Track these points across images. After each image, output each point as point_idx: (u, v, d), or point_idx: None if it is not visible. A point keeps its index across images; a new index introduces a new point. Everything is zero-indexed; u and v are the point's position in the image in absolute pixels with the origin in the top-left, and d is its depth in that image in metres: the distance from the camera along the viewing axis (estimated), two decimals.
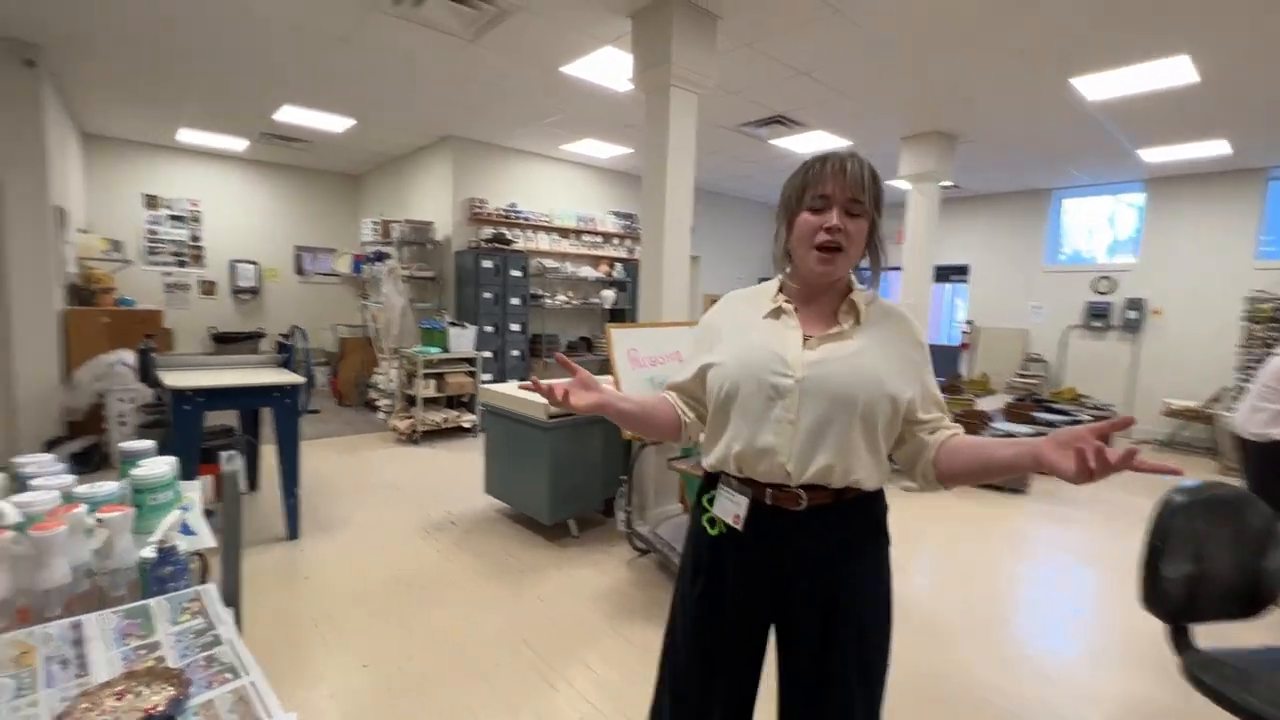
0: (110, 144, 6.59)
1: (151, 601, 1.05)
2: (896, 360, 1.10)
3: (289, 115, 5.55)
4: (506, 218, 6.54)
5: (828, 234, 1.05)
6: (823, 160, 1.08)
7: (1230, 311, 6.34)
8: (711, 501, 1.16)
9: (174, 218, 7.02)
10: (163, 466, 1.42)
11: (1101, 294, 7.40)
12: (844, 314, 1.12)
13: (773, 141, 5.94)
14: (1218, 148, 5.57)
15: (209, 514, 3.24)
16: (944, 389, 7.02)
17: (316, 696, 2.09)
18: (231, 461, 1.15)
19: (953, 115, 5.03)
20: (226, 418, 3.92)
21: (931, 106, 4.83)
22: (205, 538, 1.28)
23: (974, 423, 4.99)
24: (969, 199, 8.43)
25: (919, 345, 1.15)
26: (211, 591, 1.09)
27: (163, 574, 1.11)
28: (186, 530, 1.28)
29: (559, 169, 7.05)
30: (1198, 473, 5.65)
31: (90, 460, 4.25)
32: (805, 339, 1.10)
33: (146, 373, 3.21)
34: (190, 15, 3.62)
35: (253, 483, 4.09)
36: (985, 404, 6.24)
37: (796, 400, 1.06)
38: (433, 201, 6.62)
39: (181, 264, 7.12)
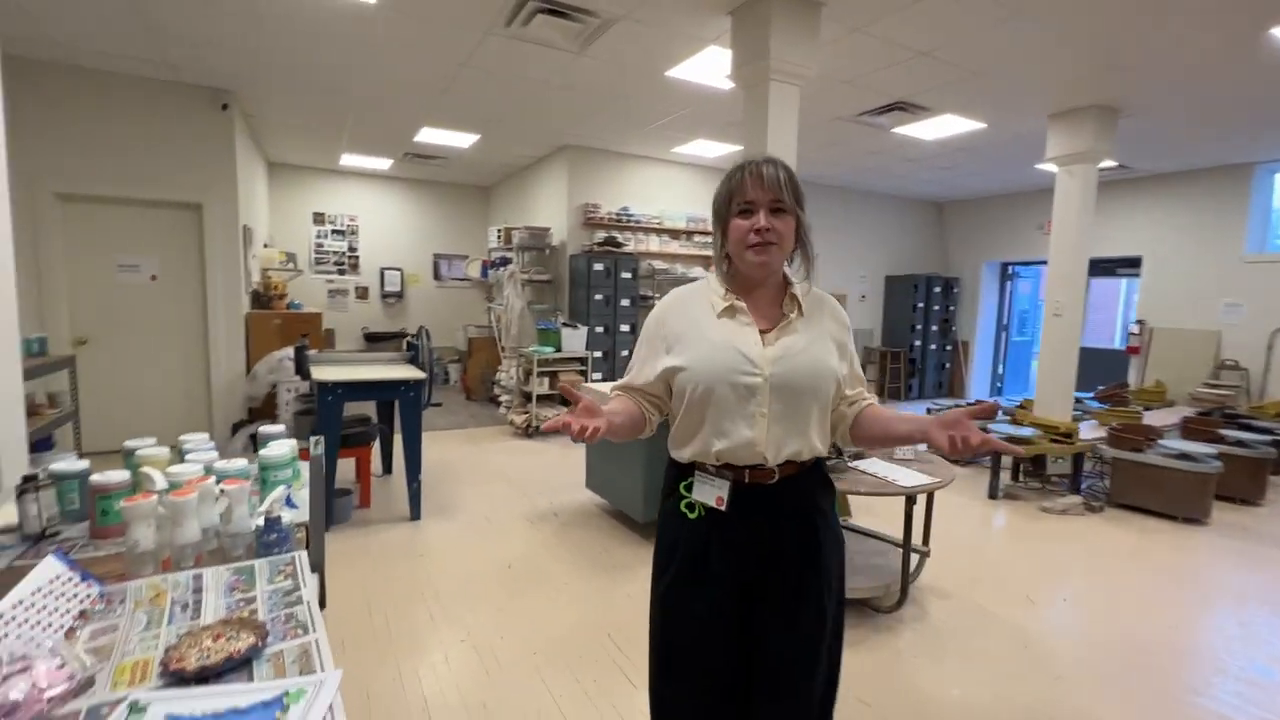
0: (288, 170, 7.69)
1: (256, 562, 1.22)
2: (833, 343, 1.25)
3: (426, 136, 6.14)
4: (618, 221, 6.72)
5: (757, 234, 1.17)
6: (742, 169, 1.21)
7: None
8: (689, 488, 1.24)
9: (336, 231, 8.04)
10: (284, 449, 1.65)
11: None
12: (788, 306, 1.24)
13: (896, 130, 5.56)
14: None
15: (345, 492, 3.65)
16: (1104, 398, 6.15)
17: (419, 663, 2.29)
18: (318, 445, 1.30)
19: (1114, 85, 4.38)
20: (366, 408, 4.42)
21: (1086, 78, 4.24)
22: (304, 512, 1.45)
23: (1137, 439, 4.31)
24: (1140, 180, 7.30)
25: (844, 326, 1.29)
26: (303, 558, 1.25)
27: (269, 540, 1.28)
28: (290, 504, 1.46)
29: (670, 170, 7.12)
30: None
31: None
32: (762, 335, 1.20)
33: (300, 367, 3.71)
34: (347, 59, 4.13)
35: (388, 467, 4.57)
36: (1157, 417, 5.38)
37: (767, 395, 1.17)
38: (550, 208, 6.98)
39: (341, 272, 8.13)
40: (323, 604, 1.29)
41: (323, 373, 3.54)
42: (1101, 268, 8.00)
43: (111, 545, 1.30)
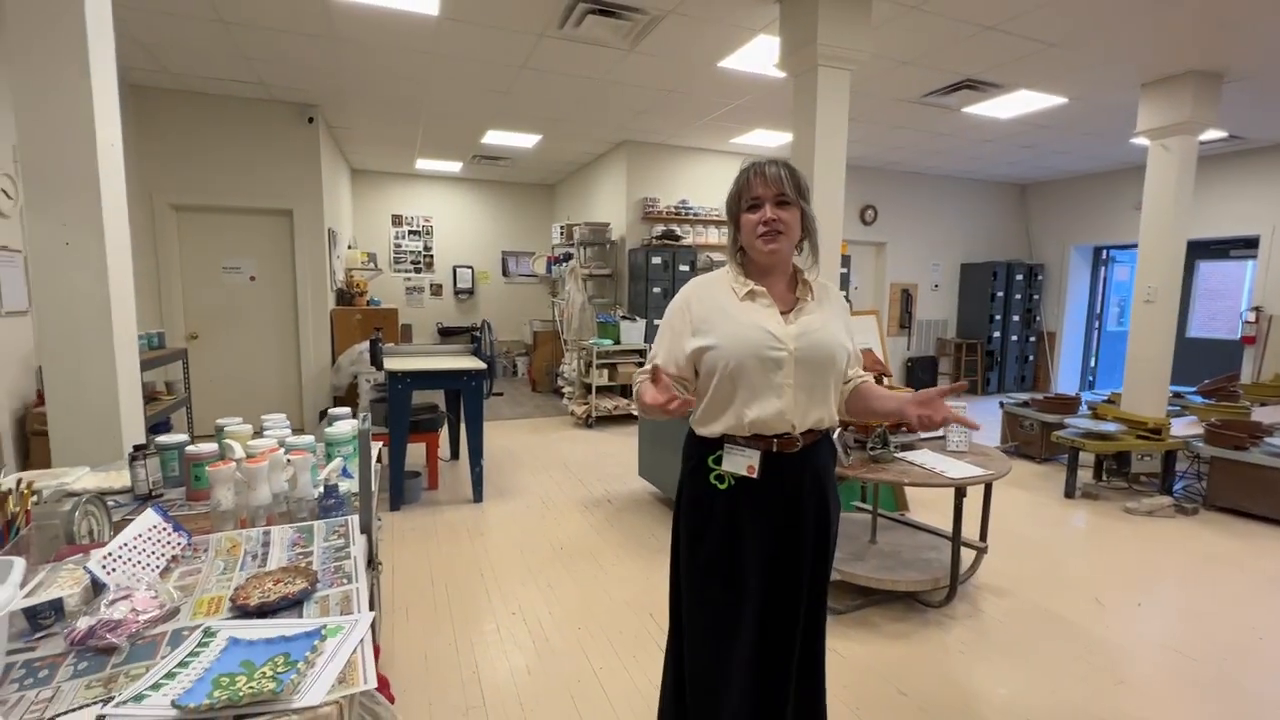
0: (369, 176, 8.23)
1: (314, 523, 1.39)
2: (841, 324, 1.40)
3: (492, 138, 6.41)
4: (676, 214, 6.77)
5: (765, 225, 1.31)
6: (747, 170, 1.35)
7: None
8: (718, 461, 1.34)
9: (412, 232, 8.53)
10: (346, 426, 1.83)
11: None
12: (802, 291, 1.39)
13: (966, 110, 5.29)
14: None
15: (415, 474, 3.91)
16: (1209, 393, 5.60)
17: (473, 631, 2.46)
18: (364, 421, 1.45)
19: (1212, 49, 3.99)
20: (436, 397, 4.71)
21: (1181, 40, 3.88)
22: (354, 484, 1.61)
23: (1239, 436, 3.93)
24: (1255, 152, 6.58)
25: (845, 311, 1.45)
26: (354, 521, 1.40)
27: (327, 504, 1.45)
28: (346, 474, 1.63)
29: (728, 162, 7.08)
30: None
31: None
32: (783, 315, 1.33)
33: (375, 358, 4.01)
34: (415, 69, 4.41)
35: (455, 452, 4.86)
36: (1269, 413, 4.87)
37: (792, 368, 1.30)
38: (610, 204, 7.11)
39: (418, 270, 8.62)
40: (371, 562, 1.45)
41: (393, 363, 3.82)
42: (1212, 250, 7.27)
43: (202, 506, 1.50)
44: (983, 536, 2.88)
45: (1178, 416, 4.78)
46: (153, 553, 1.17)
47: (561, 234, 7.27)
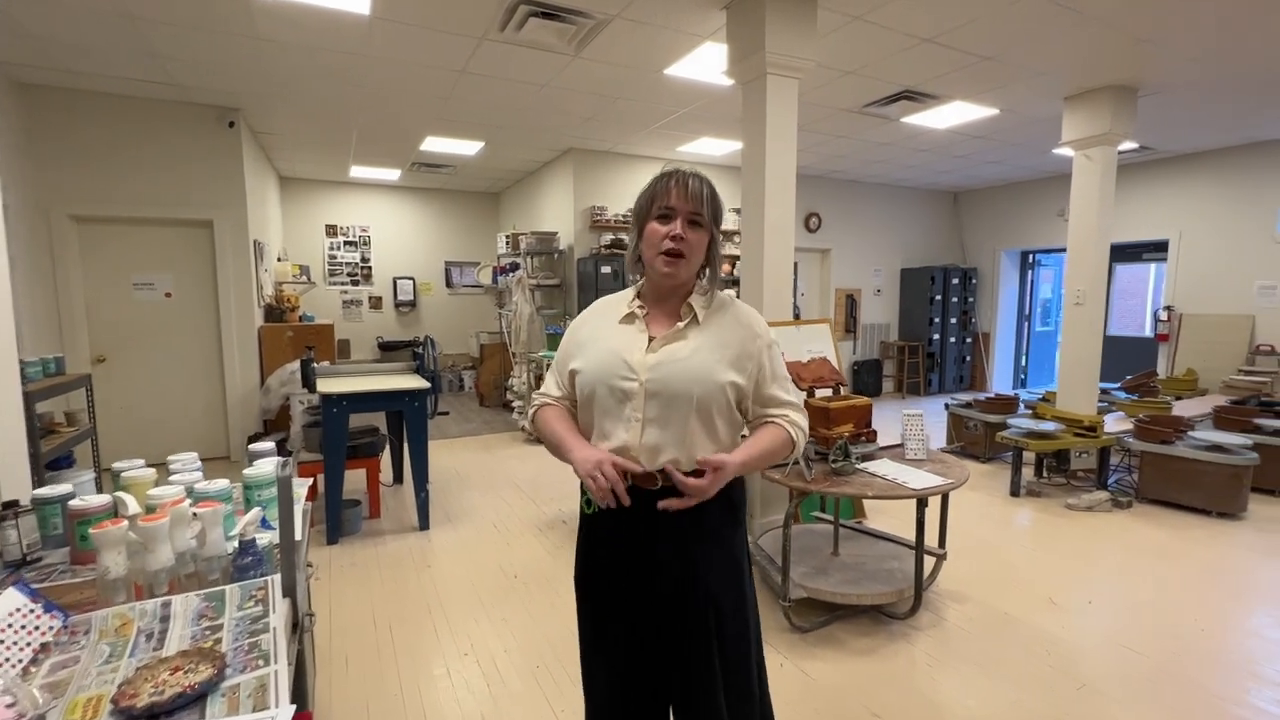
0: (300, 183, 7.79)
1: (227, 587, 1.20)
2: (733, 352, 1.23)
3: (432, 145, 6.16)
4: (625, 223, 6.68)
5: (671, 241, 1.20)
6: (669, 176, 1.23)
7: None
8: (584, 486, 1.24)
9: (348, 243, 8.12)
10: (269, 466, 1.63)
11: None
12: (684, 315, 1.25)
13: (905, 120, 5.43)
14: None
15: (354, 503, 3.66)
16: (1132, 388, 5.93)
17: (420, 677, 2.27)
18: (285, 469, 1.27)
19: (1129, 64, 4.22)
20: (376, 418, 4.43)
21: (1101, 56, 4.08)
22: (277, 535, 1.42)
23: (1166, 431, 4.14)
24: (1164, 161, 7.05)
25: (757, 336, 1.27)
26: (276, 582, 1.22)
27: (243, 563, 1.26)
28: (266, 525, 1.44)
29: None
30: None
31: (284, 451, 5.07)
32: (650, 340, 1.23)
33: (307, 379, 3.73)
34: (347, 71, 4.15)
35: (398, 476, 4.59)
36: (1187, 407, 5.18)
37: (641, 401, 1.19)
38: (557, 212, 6.96)
39: (355, 283, 8.21)
40: (296, 627, 1.27)
41: (328, 385, 3.56)
42: (1126, 253, 7.74)
43: (89, 571, 1.29)
44: (941, 543, 2.88)
45: (1107, 413, 5.02)
46: (14, 643, 0.96)
47: (507, 243, 7.07)
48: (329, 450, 3.36)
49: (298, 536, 1.47)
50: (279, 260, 6.81)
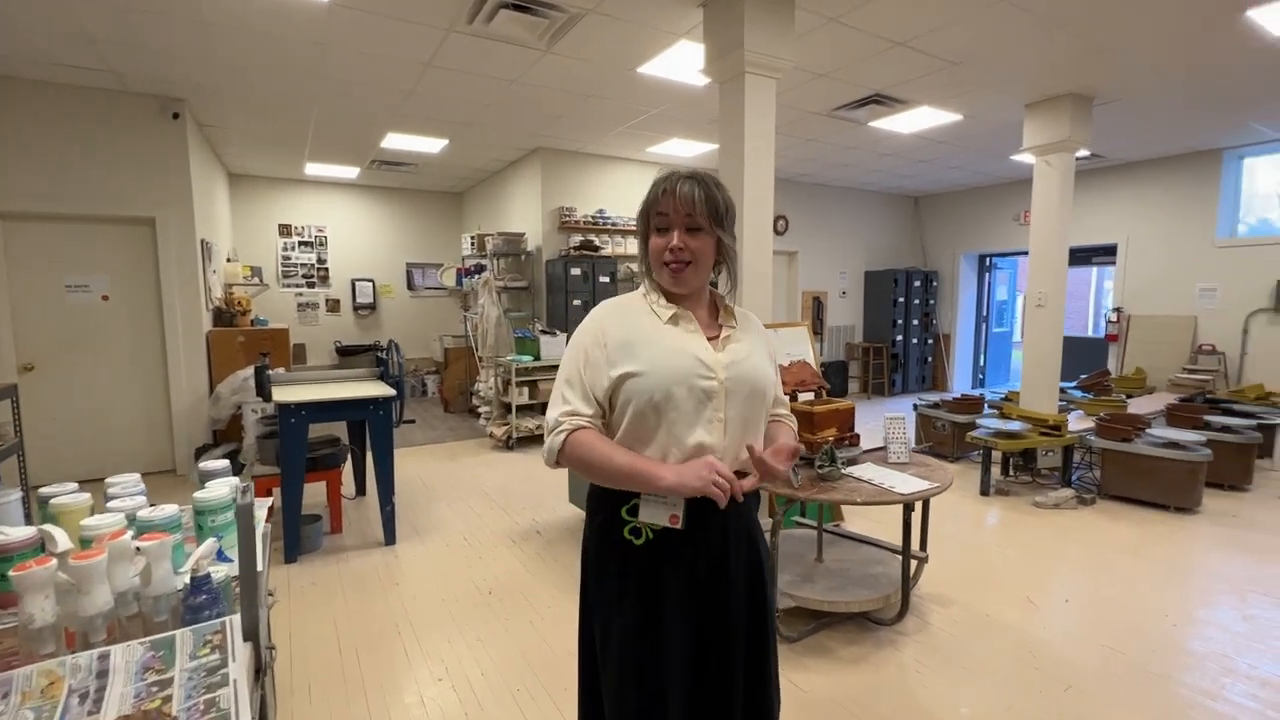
0: (251, 181, 7.42)
1: (177, 633, 1.05)
2: (766, 355, 1.27)
3: (393, 142, 5.93)
4: (594, 224, 6.58)
5: (671, 254, 1.17)
6: (661, 182, 1.18)
7: None
8: (632, 512, 1.15)
9: (303, 243, 7.78)
10: (224, 489, 1.47)
11: None
12: (726, 318, 1.26)
13: (872, 124, 5.49)
14: None
15: (314, 518, 3.46)
16: (1087, 387, 6.14)
17: (392, 706, 2.12)
18: (245, 495, 1.14)
19: (1088, 72, 4.35)
20: (336, 427, 4.21)
21: (1061, 64, 4.19)
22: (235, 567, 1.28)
23: (1125, 429, 4.27)
24: (1114, 169, 7.35)
25: (769, 341, 1.32)
26: (236, 624, 1.08)
27: (196, 603, 1.11)
28: (223, 557, 1.29)
29: (645, 171, 6.99)
30: None
31: (236, 464, 4.78)
32: (709, 341, 1.20)
33: (262, 387, 3.50)
34: (303, 62, 3.93)
35: (361, 488, 4.37)
36: (1140, 405, 5.37)
37: (723, 400, 1.15)
38: (525, 213, 6.81)
39: (310, 285, 7.87)
40: (259, 672, 1.13)
41: (285, 393, 3.35)
42: (1076, 257, 8.02)
43: (10, 617, 1.12)
44: (923, 546, 2.87)
45: (1068, 412, 5.16)
46: None
47: (473, 244, 6.87)
48: (287, 462, 3.16)
49: (259, 568, 1.33)
50: (228, 261, 6.45)
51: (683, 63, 4.02)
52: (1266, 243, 6.38)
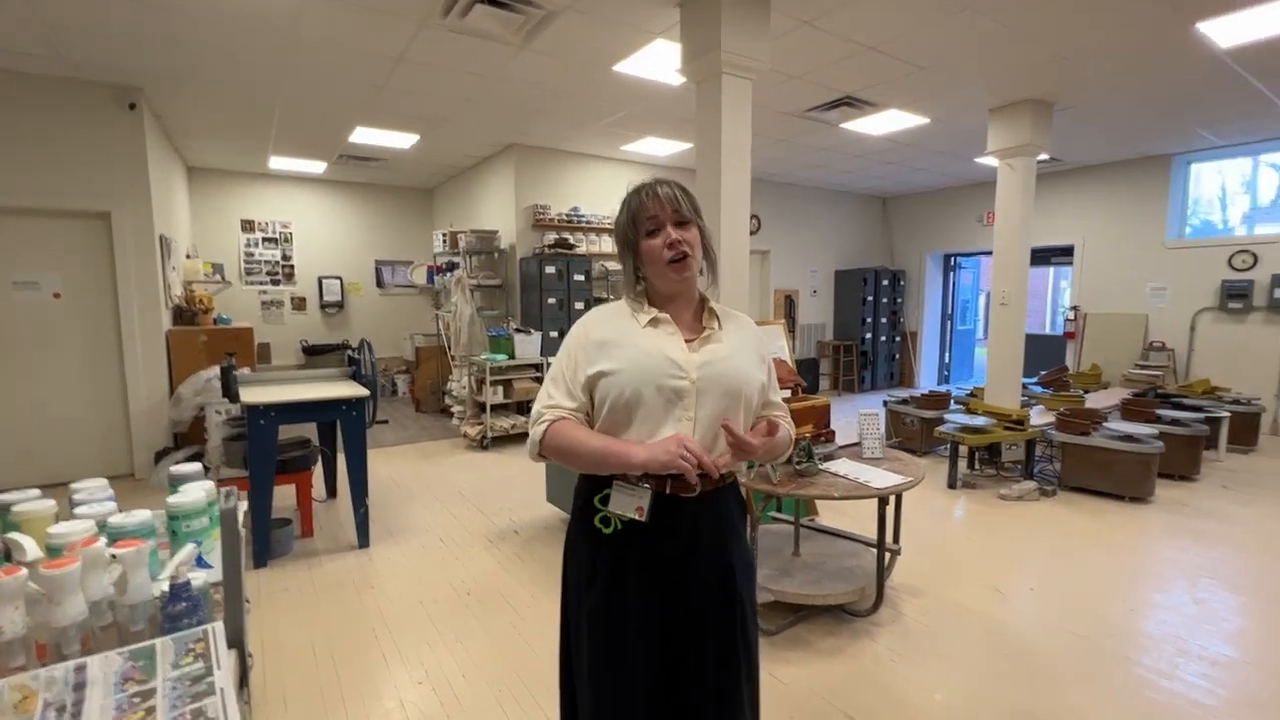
0: (211, 175, 7.17)
1: (158, 642, 1.02)
2: (755, 354, 1.29)
3: (362, 136, 5.81)
4: (569, 222, 6.55)
5: (671, 249, 1.20)
6: (638, 193, 1.25)
7: None
8: (604, 501, 1.19)
9: (268, 240, 7.56)
10: (199, 493, 1.42)
11: (1240, 271, 6.46)
12: (708, 319, 1.28)
13: (843, 125, 5.59)
14: None
15: (285, 522, 3.38)
16: (1047, 383, 6.37)
17: (371, 712, 2.08)
18: (229, 500, 1.11)
19: (1048, 79, 4.50)
20: (306, 428, 4.11)
21: (1024, 71, 4.34)
22: (215, 573, 1.25)
23: (1084, 423, 4.45)
24: (1072, 172, 7.62)
25: (761, 340, 1.33)
26: (219, 631, 1.05)
27: (175, 611, 1.08)
28: (203, 563, 1.26)
29: (620, 169, 6.99)
30: None
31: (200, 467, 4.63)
32: (687, 342, 1.22)
33: (228, 388, 3.40)
34: (269, 53, 3.82)
35: (332, 490, 4.28)
36: (1098, 400, 5.59)
37: (694, 399, 1.18)
38: (498, 210, 6.74)
39: (275, 282, 7.65)
40: (243, 682, 1.10)
41: (253, 394, 3.25)
42: (1035, 257, 8.29)
43: None
44: (895, 538, 2.95)
45: (1029, 407, 5.34)
46: None
47: (445, 242, 6.77)
48: (256, 465, 3.07)
49: (243, 574, 1.30)
50: (188, 258, 6.23)
51: (659, 62, 4.03)
52: (1211, 244, 6.71)
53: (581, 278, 6.32)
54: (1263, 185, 6.74)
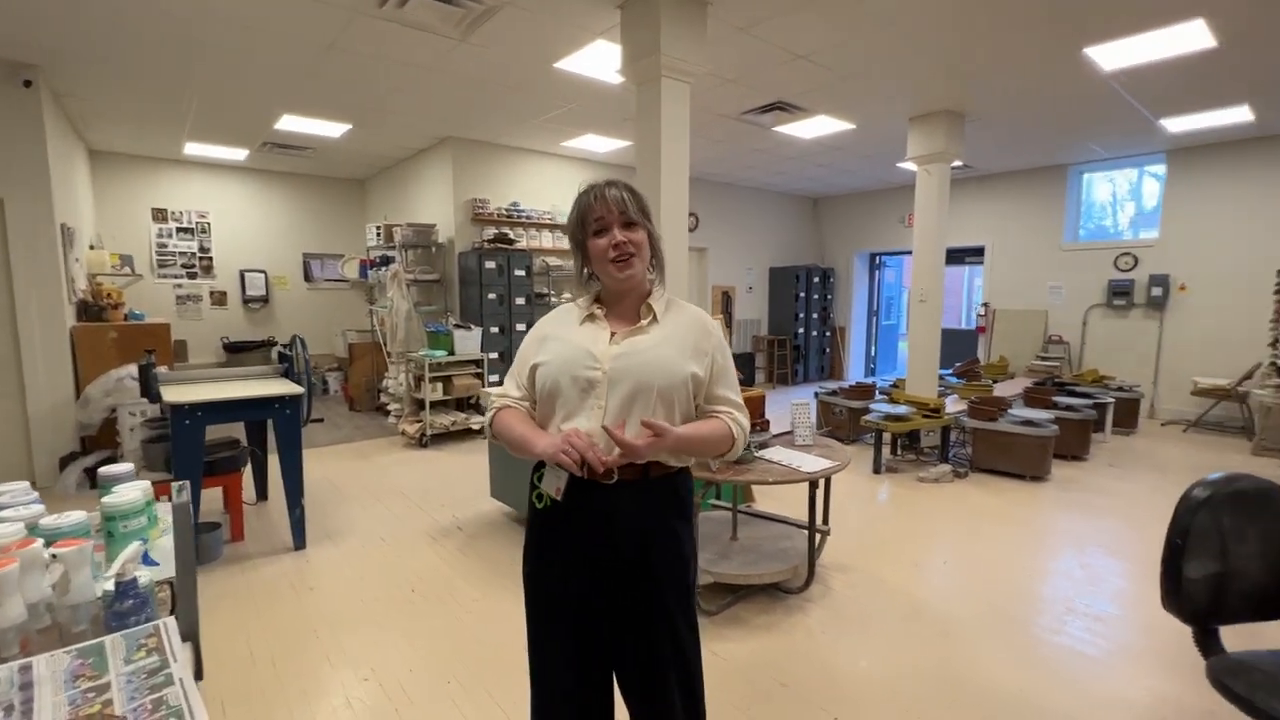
0: (118, 160, 6.67)
1: (107, 639, 1.02)
2: (690, 347, 1.30)
3: (289, 124, 5.56)
4: (509, 217, 6.50)
5: (616, 249, 1.27)
6: (588, 193, 1.30)
7: (1261, 285, 6.10)
8: (540, 479, 1.29)
9: (182, 230, 7.10)
10: (134, 492, 1.39)
11: (1124, 271, 7.17)
12: (644, 313, 1.33)
13: (776, 129, 5.82)
14: (1239, 114, 5.34)
15: (213, 526, 3.26)
16: (960, 374, 6.87)
17: (317, 711, 2.07)
18: (181, 493, 1.11)
19: (960, 93, 4.87)
20: (233, 428, 3.94)
21: (938, 84, 4.67)
22: (170, 567, 1.24)
23: (992, 410, 4.85)
24: (982, 179, 8.21)
25: (708, 334, 1.34)
26: (171, 626, 1.06)
27: (123, 609, 1.07)
28: (149, 560, 1.25)
29: (559, 165, 6.99)
30: (1230, 455, 5.45)
31: None
32: (611, 335, 1.30)
33: (148, 387, 3.22)
34: (187, 33, 3.61)
35: (262, 493, 4.12)
36: (1004, 389, 6.09)
37: (605, 389, 1.24)
38: (435, 203, 6.61)
39: (192, 275, 7.20)
40: (199, 675, 1.11)
41: (177, 393, 3.10)
42: (952, 256, 8.90)
43: None
44: (825, 520, 3.15)
45: (945, 396, 5.76)
46: None
47: (379, 235, 6.57)
48: (182, 468, 2.94)
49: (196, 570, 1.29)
50: (91, 249, 5.78)
51: (599, 61, 4.09)
52: (1100, 247, 7.41)
53: (522, 273, 6.30)
54: (1142, 196, 7.50)
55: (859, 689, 2.20)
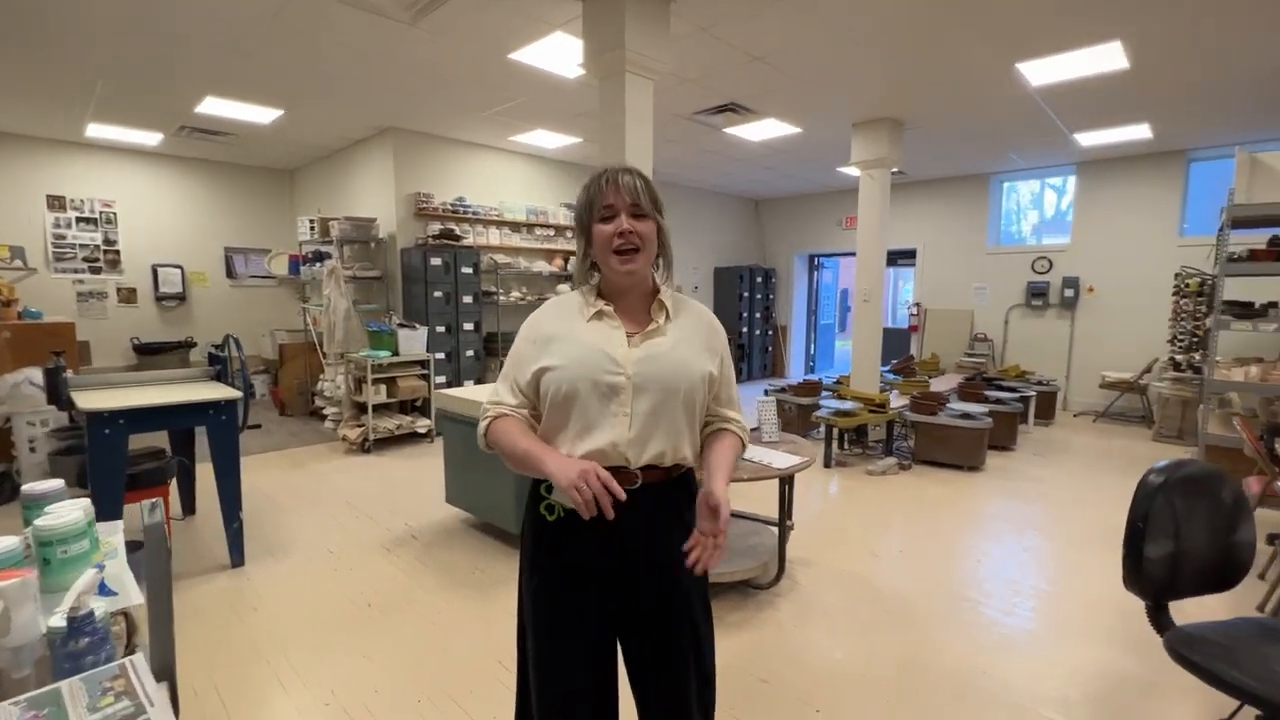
0: (5, 140, 5.97)
1: (64, 684, 0.88)
2: (702, 346, 1.26)
3: (212, 107, 5.14)
4: (454, 212, 6.28)
5: (621, 238, 1.20)
6: (601, 177, 1.23)
7: (1160, 287, 6.70)
8: (550, 490, 1.21)
9: (84, 220, 6.44)
10: (74, 512, 1.23)
11: (1040, 274, 7.71)
12: (656, 311, 1.26)
13: (726, 130, 5.89)
14: (1139, 131, 5.84)
15: (136, 545, 2.96)
16: (898, 370, 7.20)
17: None
18: (154, 512, 0.98)
19: (901, 102, 5.08)
20: (156, 438, 3.60)
21: (882, 93, 4.86)
22: (131, 594, 1.10)
23: (931, 404, 5.10)
24: (916, 184, 8.63)
25: (716, 332, 1.32)
26: (139, 664, 0.93)
27: (78, 648, 0.93)
28: (105, 590, 1.10)
29: (508, 160, 6.82)
30: (1135, 442, 5.96)
31: (1, 490, 3.86)
32: (629, 337, 1.22)
33: (57, 393, 2.89)
34: (94, 5, 3.26)
35: (190, 507, 3.79)
36: (940, 384, 6.41)
37: (630, 395, 1.17)
38: (375, 197, 6.29)
39: (95, 270, 6.55)
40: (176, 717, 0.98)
41: (92, 399, 2.79)
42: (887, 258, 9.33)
43: None
44: (789, 515, 3.21)
45: (887, 392, 6.01)
46: None
47: (313, 229, 6.20)
48: (101, 481, 2.64)
49: (138, 600, 1.15)
50: None
51: (556, 54, 4.00)
52: (1019, 251, 7.94)
53: (470, 270, 6.10)
54: (1057, 204, 8.10)
55: (836, 680, 2.24)
